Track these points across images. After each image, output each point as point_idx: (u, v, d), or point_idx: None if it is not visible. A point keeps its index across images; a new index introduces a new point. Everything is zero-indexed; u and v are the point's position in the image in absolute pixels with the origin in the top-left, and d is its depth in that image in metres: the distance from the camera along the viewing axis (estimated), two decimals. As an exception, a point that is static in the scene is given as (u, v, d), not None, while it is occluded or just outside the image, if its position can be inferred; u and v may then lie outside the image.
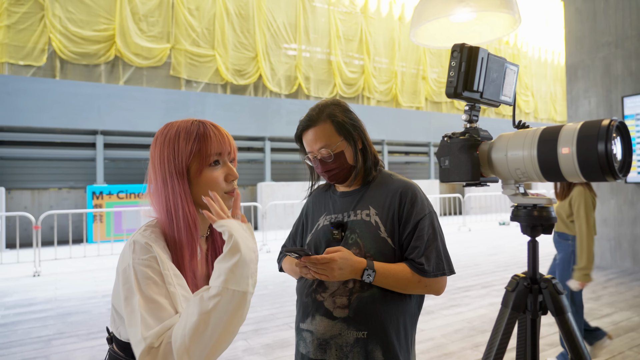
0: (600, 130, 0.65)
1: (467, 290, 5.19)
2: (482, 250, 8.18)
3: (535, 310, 0.79)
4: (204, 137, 0.99)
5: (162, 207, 1.00)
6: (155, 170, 1.01)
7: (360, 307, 1.25)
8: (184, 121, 1.03)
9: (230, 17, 12.72)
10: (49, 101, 9.88)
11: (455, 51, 0.79)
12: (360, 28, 15.00)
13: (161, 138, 1.01)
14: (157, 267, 0.90)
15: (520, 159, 0.74)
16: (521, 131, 0.77)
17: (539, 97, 20.21)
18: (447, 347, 3.43)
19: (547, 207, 0.77)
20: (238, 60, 12.88)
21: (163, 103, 11.21)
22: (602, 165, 0.64)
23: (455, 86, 0.79)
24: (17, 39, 10.19)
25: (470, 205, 15.54)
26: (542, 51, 20.60)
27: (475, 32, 1.85)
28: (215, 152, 1.01)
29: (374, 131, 14.20)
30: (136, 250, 0.91)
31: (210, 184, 1.00)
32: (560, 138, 0.69)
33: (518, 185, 0.79)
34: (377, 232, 1.29)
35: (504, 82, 0.85)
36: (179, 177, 0.98)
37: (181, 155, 0.98)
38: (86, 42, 10.86)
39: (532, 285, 0.79)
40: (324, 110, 1.36)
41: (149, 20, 11.67)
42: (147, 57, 11.58)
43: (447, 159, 0.82)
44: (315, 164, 1.38)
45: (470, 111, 0.85)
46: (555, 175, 0.71)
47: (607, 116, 6.27)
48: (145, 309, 0.85)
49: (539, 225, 0.76)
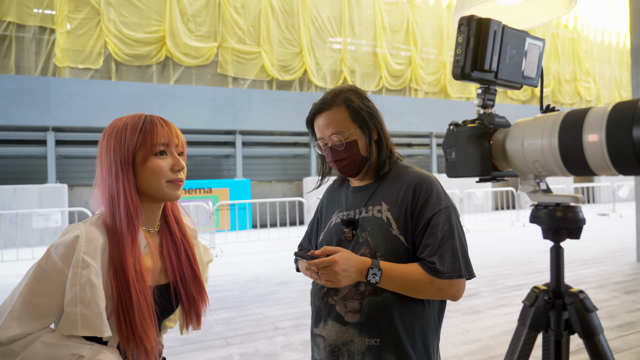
0: (637, 111, 0.51)
1: (518, 289, 4.90)
2: (536, 247, 7.73)
3: (559, 329, 0.66)
4: (150, 128, 1.02)
5: (105, 195, 1.01)
6: (102, 160, 1.03)
7: (373, 312, 1.16)
8: (133, 115, 1.06)
9: (275, 14, 12.79)
10: (106, 102, 10.41)
11: (462, 25, 0.67)
12: (406, 18, 14.61)
13: (109, 130, 1.04)
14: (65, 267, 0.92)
15: (539, 149, 0.62)
16: (541, 116, 0.64)
17: (602, 84, 18.83)
18: (495, 349, 3.23)
19: (574, 206, 0.64)
20: (283, 56, 12.94)
21: (211, 101, 11.48)
22: (639, 156, 0.52)
23: (462, 66, 0.67)
24: (76, 44, 10.79)
25: (525, 199, 14.78)
26: (605, 34, 19.14)
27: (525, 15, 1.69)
28: (161, 143, 1.03)
29: (421, 124, 13.83)
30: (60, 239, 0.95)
31: (155, 172, 1.02)
32: (587, 123, 0.56)
33: (539, 181, 0.67)
34: (388, 230, 1.19)
35: (526, 60, 0.72)
36: (124, 165, 1.00)
37: (127, 145, 1.00)
38: (139, 44, 11.32)
39: (555, 299, 0.66)
40: (340, 94, 1.26)
41: (197, 20, 11.97)
42: (196, 56, 11.89)
43: (453, 151, 0.71)
44: (326, 152, 1.28)
45: (484, 94, 0.73)
46: (581, 168, 0.58)
47: (680, 101, 5.68)
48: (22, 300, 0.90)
49: (564, 229, 0.63)
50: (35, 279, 0.91)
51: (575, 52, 17.97)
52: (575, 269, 5.85)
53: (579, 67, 18.05)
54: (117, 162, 1.00)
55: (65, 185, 9.86)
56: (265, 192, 13.40)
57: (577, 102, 18.01)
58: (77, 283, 0.90)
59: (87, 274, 0.92)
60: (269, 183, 13.54)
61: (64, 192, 9.76)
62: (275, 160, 13.41)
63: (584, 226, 0.65)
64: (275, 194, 13.51)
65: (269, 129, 12.22)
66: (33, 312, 0.90)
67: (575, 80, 17.95)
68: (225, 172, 12.76)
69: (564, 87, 17.65)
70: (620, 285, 4.93)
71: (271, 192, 13.52)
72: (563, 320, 0.67)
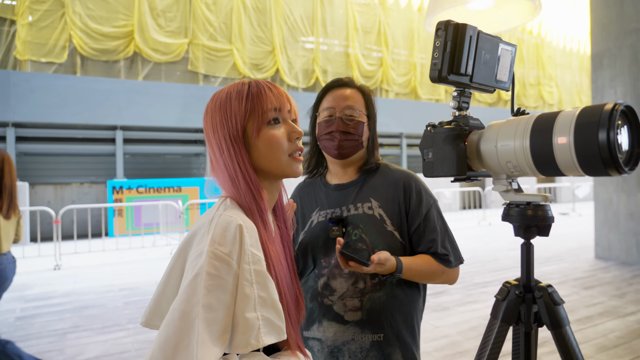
0: (602, 116, 0.55)
1: (484, 286, 5.05)
2: (501, 245, 7.98)
3: (529, 322, 0.69)
4: (257, 94, 0.87)
5: (225, 177, 0.87)
6: (210, 140, 0.89)
7: (374, 308, 1.18)
8: (235, 83, 0.91)
9: (247, 11, 12.68)
10: (70, 97, 10.05)
11: (440, 29, 0.70)
12: (378, 20, 14.77)
13: (211, 105, 0.91)
14: (235, 265, 0.74)
15: (512, 150, 0.65)
16: (513, 119, 0.67)
17: (563, 88, 19.58)
18: (462, 344, 3.32)
19: (544, 205, 0.67)
20: (255, 54, 12.85)
21: (181, 98, 11.27)
22: (604, 157, 0.55)
23: (439, 69, 0.69)
24: (39, 37, 10.37)
25: (491, 199, 15.22)
26: (567, 40, 19.92)
27: (493, 20, 1.75)
28: (273, 108, 0.88)
29: (392, 124, 14.01)
30: (215, 233, 0.76)
31: (272, 144, 0.87)
32: (557, 126, 0.60)
33: (511, 181, 0.70)
34: (382, 226, 1.22)
35: (499, 65, 0.76)
36: (235, 140, 0.86)
37: (235, 116, 0.86)
38: (106, 38, 10.99)
39: (526, 294, 0.70)
40: (357, 83, 1.33)
41: (167, 15, 11.73)
42: (165, 52, 11.65)
43: (430, 151, 0.73)
44: (329, 122, 1.27)
45: (459, 97, 0.75)
46: (551, 169, 0.61)
47: (635, 106, 5.98)
48: (203, 319, 0.70)
49: (534, 226, 0.67)
50: (207, 291, 0.72)
51: (539, 57, 18.62)
52: (539, 266, 6.07)
53: (543, 71, 18.71)
54: (226, 138, 0.86)
55: (27, 184, 9.47)
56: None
57: (540, 105, 18.66)
58: (253, 282, 0.75)
59: (261, 269, 0.77)
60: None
61: (24, 191, 9.37)
62: (246, 159, 13.29)
63: (552, 224, 0.69)
64: (246, 193, 13.38)
65: (241, 128, 12.09)
66: (216, 331, 0.71)
67: (539, 84, 18.60)
68: (195, 170, 12.56)
69: (529, 91, 18.25)
70: (579, 281, 5.15)
71: (242, 191, 13.39)
72: (533, 313, 0.70)
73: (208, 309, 0.71)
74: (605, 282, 5.07)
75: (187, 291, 0.72)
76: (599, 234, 6.54)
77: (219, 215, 0.79)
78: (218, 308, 0.72)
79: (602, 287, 4.84)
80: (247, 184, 0.85)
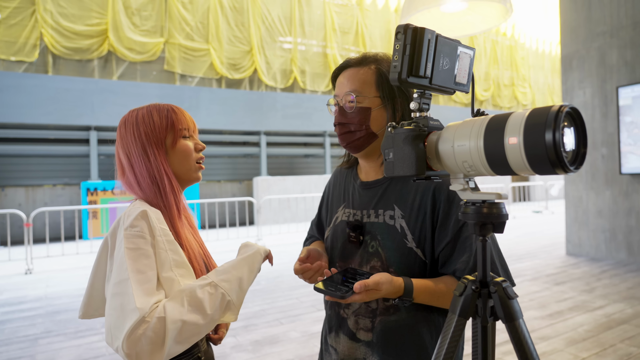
0: (548, 118, 0.58)
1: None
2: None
3: (485, 316, 0.72)
4: (174, 112, 1.08)
5: (145, 178, 1.03)
6: (130, 148, 1.05)
7: (385, 332, 1.06)
8: (148, 105, 1.11)
9: (224, 11, 12.59)
10: (42, 97, 9.79)
11: (399, 32, 0.72)
12: (356, 20, 14.87)
13: (131, 119, 1.07)
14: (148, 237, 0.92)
15: (467, 150, 0.68)
16: (469, 120, 0.70)
17: (536, 89, 20.09)
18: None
19: (498, 203, 0.70)
20: (233, 54, 12.77)
21: (157, 98, 11.11)
22: (550, 157, 0.57)
23: (399, 71, 0.72)
24: (8, 35, 10.08)
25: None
26: (539, 42, 20.45)
27: (467, 22, 1.78)
28: (185, 128, 1.09)
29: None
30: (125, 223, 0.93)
31: (186, 153, 1.08)
32: (508, 127, 0.62)
33: (468, 180, 0.73)
34: (402, 241, 1.05)
35: (457, 67, 0.78)
36: (158, 147, 1.04)
37: (158, 128, 1.05)
38: (78, 37, 10.75)
39: (482, 289, 0.72)
40: (373, 56, 1.12)
41: (142, 14, 11.55)
42: (141, 51, 11.47)
43: (391, 151, 0.75)
44: (335, 114, 1.13)
45: (420, 99, 0.78)
46: (503, 168, 0.64)
47: (603, 107, 6.18)
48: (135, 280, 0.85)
49: (489, 224, 0.70)
50: (131, 260, 0.88)
51: (512, 58, 19.04)
52: (512, 263, 6.21)
53: (516, 72, 19.14)
54: (151, 145, 1.04)
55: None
56: (214, 192, 13.16)
57: (514, 105, 19.08)
58: (167, 249, 0.93)
59: (171, 239, 0.95)
60: (218, 183, 13.31)
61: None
62: (224, 159, 13.20)
63: (507, 221, 0.72)
64: (224, 193, 13.30)
65: (218, 128, 12.00)
66: (148, 288, 0.87)
67: (513, 85, 19.02)
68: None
69: (503, 92, 18.65)
70: (551, 277, 5.30)
71: (220, 191, 13.30)
72: (489, 308, 0.73)
73: (136, 272, 0.86)
74: (575, 278, 5.22)
75: (117, 269, 0.89)
76: (570, 231, 6.74)
77: (127, 211, 0.98)
78: (145, 270, 0.88)
79: (572, 283, 4.99)
80: (170, 181, 1.04)
